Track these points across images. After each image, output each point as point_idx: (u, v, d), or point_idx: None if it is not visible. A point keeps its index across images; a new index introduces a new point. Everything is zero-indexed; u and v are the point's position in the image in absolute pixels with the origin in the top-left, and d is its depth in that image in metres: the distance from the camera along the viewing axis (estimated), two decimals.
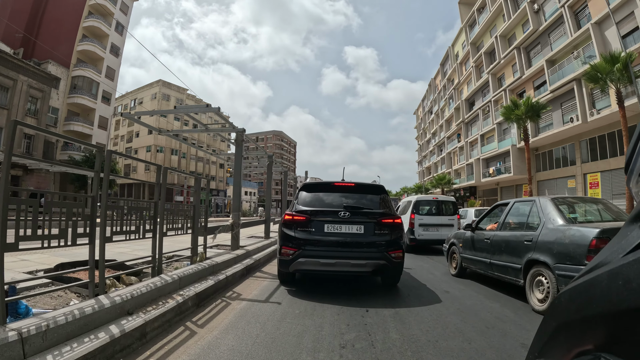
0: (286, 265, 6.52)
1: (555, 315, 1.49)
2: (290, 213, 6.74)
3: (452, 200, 14.49)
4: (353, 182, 7.32)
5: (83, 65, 43.24)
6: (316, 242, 6.35)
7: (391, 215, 6.74)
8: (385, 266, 6.32)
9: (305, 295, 6.44)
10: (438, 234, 13.34)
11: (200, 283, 6.26)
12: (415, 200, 13.94)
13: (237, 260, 8.53)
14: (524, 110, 24.79)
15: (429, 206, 14.12)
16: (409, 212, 13.64)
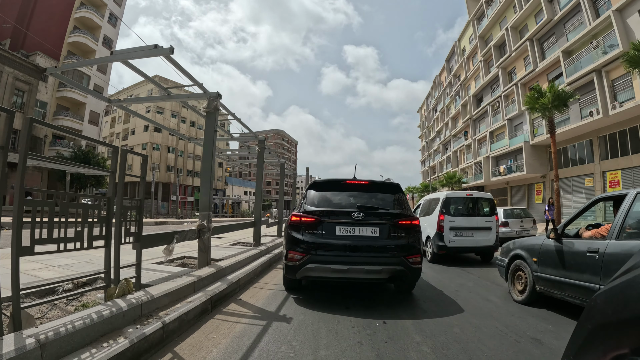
0: (293, 271, 5.95)
1: (591, 318, 1.47)
2: (297, 214, 6.17)
3: (489, 198, 11.77)
4: (366, 179, 6.76)
5: (73, 58, 41.29)
6: (327, 246, 5.81)
7: (409, 216, 6.20)
8: (402, 272, 5.81)
9: (315, 304, 5.90)
10: (473, 240, 10.92)
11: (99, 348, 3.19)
12: (444, 197, 11.35)
13: (197, 286, 5.62)
14: (550, 98, 22.38)
15: (462, 205, 11.66)
16: (436, 212, 11.31)
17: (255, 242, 10.55)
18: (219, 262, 7.15)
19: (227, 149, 13.93)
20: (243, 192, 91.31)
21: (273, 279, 7.75)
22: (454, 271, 9.48)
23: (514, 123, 40.38)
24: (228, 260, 7.57)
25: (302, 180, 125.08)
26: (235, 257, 8.00)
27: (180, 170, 68.16)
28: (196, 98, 6.53)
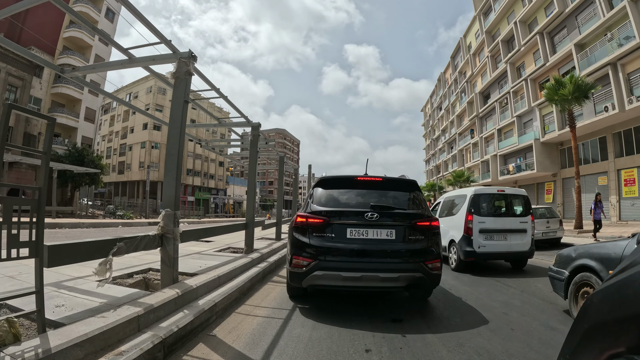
0: (298, 279, 5.45)
1: (587, 316, 1.49)
2: (303, 214, 5.65)
3: (523, 194, 10.16)
4: (380, 176, 6.30)
5: (69, 53, 40.50)
6: (336, 250, 5.31)
7: (427, 217, 5.71)
8: (421, 280, 5.32)
9: (322, 315, 5.33)
10: (506, 245, 9.34)
11: None
12: (472, 194, 9.72)
13: (145, 321, 3.78)
14: (571, 89, 21.04)
15: (493, 203, 10.13)
16: (462, 212, 9.75)
17: (247, 248, 8.93)
18: (190, 278, 5.60)
19: (225, 145, 12.47)
20: (244, 192, 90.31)
21: (265, 297, 6.23)
22: (487, 283, 8.03)
23: (523, 120, 39.32)
24: (205, 275, 5.91)
25: (305, 179, 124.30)
26: (216, 271, 6.34)
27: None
28: (164, 61, 5.13)
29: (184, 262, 6.86)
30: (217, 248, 9.68)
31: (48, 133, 3.01)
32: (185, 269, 6.12)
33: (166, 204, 4.87)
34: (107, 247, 3.90)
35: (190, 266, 6.55)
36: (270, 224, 13.35)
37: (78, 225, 20.28)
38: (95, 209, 43.39)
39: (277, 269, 8.76)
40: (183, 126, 4.80)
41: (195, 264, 6.94)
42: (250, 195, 9.40)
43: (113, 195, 65.29)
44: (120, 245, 4.01)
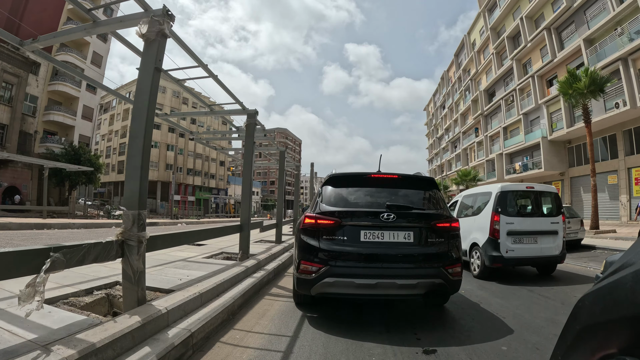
0: (307, 286, 5.01)
1: (579, 318, 1.50)
2: (312, 215, 5.23)
3: (553, 192, 9.08)
4: (396, 173, 5.73)
5: (67, 50, 39.85)
6: (349, 255, 4.89)
7: (447, 217, 5.33)
8: (441, 286, 4.95)
9: (332, 326, 4.89)
10: (536, 248, 8.29)
11: None
12: (499, 191, 8.65)
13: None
14: (587, 82, 20.18)
15: (522, 201, 9.13)
16: (487, 211, 8.69)
17: (242, 254, 7.72)
18: (164, 296, 4.37)
19: (219, 137, 11.47)
20: None
21: (261, 317, 5.13)
22: (520, 293, 7.00)
23: (530, 118, 38.60)
24: (184, 291, 4.68)
25: (307, 179, 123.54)
26: (200, 285, 5.15)
27: (180, 168, 66.30)
28: (134, 22, 4.15)
29: (161, 272, 6.00)
30: (207, 253, 8.60)
31: None
32: (160, 283, 5.13)
33: (128, 200, 3.80)
34: (35, 260, 2.74)
35: (168, 279, 5.55)
36: (270, 225, 12.27)
37: (68, 226, 19.38)
38: (95, 209, 42.65)
39: (276, 278, 7.82)
40: (152, 101, 3.86)
41: (176, 275, 5.90)
42: (245, 193, 8.20)
43: (113, 195, 64.71)
44: (57, 257, 2.80)
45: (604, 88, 20.76)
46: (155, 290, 4.72)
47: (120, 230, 3.57)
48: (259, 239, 12.35)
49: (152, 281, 5.02)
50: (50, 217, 26.08)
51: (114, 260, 3.54)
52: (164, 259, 7.25)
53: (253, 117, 7.92)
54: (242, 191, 8.14)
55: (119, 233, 3.56)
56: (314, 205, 5.44)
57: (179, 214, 51.61)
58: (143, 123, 3.75)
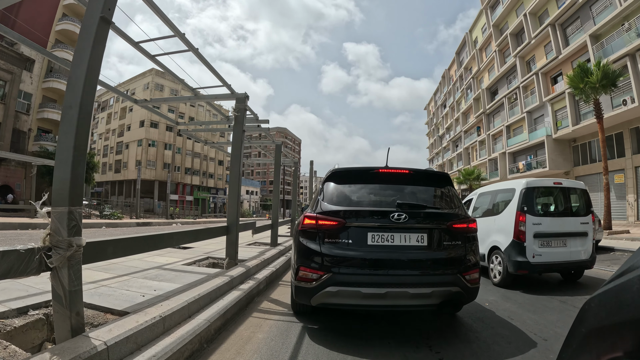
0: (306, 295, 4.40)
1: (585, 321, 1.48)
2: (312, 215, 4.61)
3: (582, 188, 8.06)
4: (407, 168, 5.18)
5: (62, 47, 38.96)
6: (355, 260, 4.30)
7: (464, 217, 4.74)
8: (458, 295, 4.38)
9: (337, 341, 4.23)
10: (565, 252, 7.34)
11: None
12: (524, 187, 7.66)
13: None
14: (600, 76, 19.41)
15: (549, 199, 8.19)
16: (510, 210, 7.71)
17: (229, 260, 6.71)
18: (115, 321, 3.33)
19: (205, 129, 10.39)
20: (245, 192, 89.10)
21: (245, 345, 4.05)
22: (551, 305, 6.05)
23: (533, 116, 37.91)
24: (141, 314, 3.59)
25: (306, 179, 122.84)
26: (166, 304, 4.04)
27: (178, 167, 65.64)
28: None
29: (125, 285, 4.92)
30: (190, 259, 7.51)
31: None
32: (117, 301, 4.06)
33: (56, 194, 2.82)
34: None
35: (129, 294, 4.42)
36: (265, 227, 11.16)
37: None
38: (92, 208, 41.92)
39: (269, 289, 6.78)
40: (95, 61, 3.02)
41: (141, 288, 4.78)
42: (233, 189, 6.98)
43: (110, 194, 64.13)
44: None
45: (616, 82, 20.01)
46: (106, 312, 3.75)
47: (46, 233, 2.67)
48: (253, 241, 11.41)
49: (108, 298, 4.17)
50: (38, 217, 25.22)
51: (36, 275, 2.62)
52: (136, 266, 6.36)
53: (243, 102, 6.94)
54: (229, 187, 7.09)
55: (44, 238, 2.64)
56: (315, 204, 4.88)
57: (176, 214, 50.89)
58: (80, 89, 2.89)
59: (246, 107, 6.80)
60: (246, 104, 6.88)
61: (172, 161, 64.34)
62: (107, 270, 5.78)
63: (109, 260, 3.96)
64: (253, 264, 7.22)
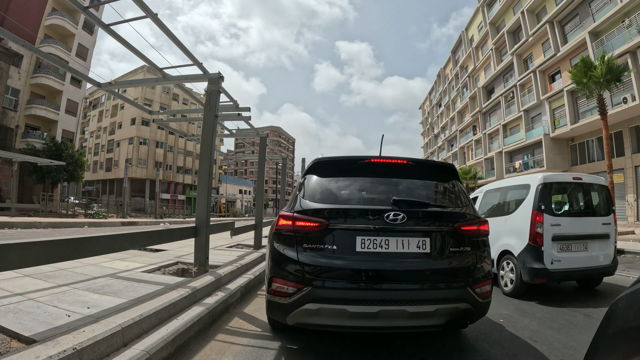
0: (281, 312, 3.61)
1: (612, 322, 1.46)
2: (288, 214, 3.76)
3: (603, 184, 7.16)
4: (404, 157, 4.23)
5: (51, 42, 38.11)
6: (340, 271, 3.50)
7: (474, 218, 3.90)
8: (468, 313, 3.59)
9: None
10: (587, 258, 6.45)
11: None
12: (541, 182, 6.69)
13: None
14: (604, 70, 18.74)
15: (570, 196, 7.28)
16: (525, 209, 6.75)
17: (199, 267, 5.81)
18: (9, 356, 2.49)
19: (180, 119, 9.43)
20: (238, 191, 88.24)
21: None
22: (575, 319, 5.19)
23: (530, 114, 37.49)
24: (50, 343, 2.74)
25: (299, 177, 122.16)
26: (95, 327, 3.11)
27: (170, 166, 64.76)
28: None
29: (57, 298, 4.00)
30: (156, 264, 6.50)
31: None
32: (30, 324, 3.11)
33: None
34: None
35: (53, 312, 3.50)
36: (247, 227, 9.85)
37: (33, 225, 17.61)
38: (81, 207, 41.07)
39: (243, 302, 5.71)
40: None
41: (74, 303, 3.83)
42: (202, 182, 5.98)
43: (101, 193, 63.16)
44: None
45: (621, 77, 19.35)
46: (14, 337, 2.85)
47: None
48: (235, 243, 10.40)
49: (24, 317, 3.28)
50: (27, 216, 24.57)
51: None
52: (87, 273, 5.39)
53: (216, 83, 6.05)
54: (199, 181, 6.05)
55: None
56: (293, 201, 4.05)
57: (166, 213, 50.05)
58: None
59: (220, 90, 5.85)
60: (220, 85, 5.94)
61: (163, 160, 63.41)
62: (49, 277, 4.89)
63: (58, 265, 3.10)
64: (227, 270, 6.23)
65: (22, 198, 35.57)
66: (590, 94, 20.35)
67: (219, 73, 5.82)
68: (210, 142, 5.76)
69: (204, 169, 5.96)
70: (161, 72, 5.93)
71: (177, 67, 5.93)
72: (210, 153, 5.74)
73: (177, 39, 4.97)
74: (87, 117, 72.14)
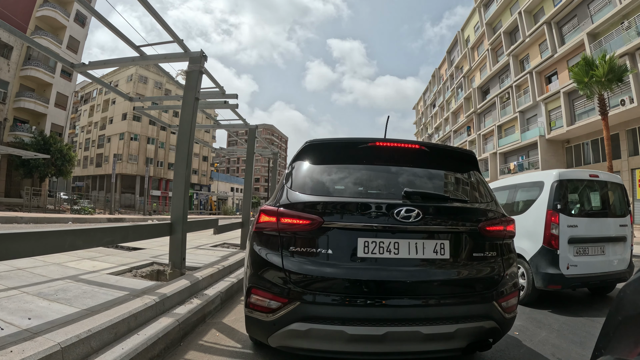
0: (261, 331, 2.97)
1: (621, 308, 1.46)
2: (271, 209, 3.04)
3: (620, 183, 6.64)
4: (415, 141, 3.47)
5: (41, 34, 37.28)
6: (337, 282, 2.79)
7: (500, 217, 3.25)
8: (493, 332, 2.97)
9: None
10: (604, 262, 5.96)
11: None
12: (556, 180, 6.11)
13: None
14: (606, 69, 18.36)
15: (585, 196, 6.62)
16: (538, 209, 6.15)
17: (173, 269, 5.19)
18: None
19: (163, 107, 8.86)
20: (230, 189, 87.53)
21: None
22: (597, 331, 4.10)
23: (526, 116, 37.44)
24: None
25: None
26: (24, 348, 2.40)
27: (161, 162, 63.97)
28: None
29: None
30: (128, 265, 5.75)
31: None
32: None
33: None
34: None
35: None
36: (233, 225, 9.32)
37: (15, 220, 16.97)
38: (71, 203, 40.39)
39: (224, 310, 5.04)
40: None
41: (15, 312, 3.22)
42: (179, 174, 5.36)
43: (91, 189, 62.32)
44: None
45: (622, 77, 19.03)
46: None
47: None
48: (221, 242, 9.62)
49: None
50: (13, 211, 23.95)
51: None
52: (46, 274, 4.69)
53: (197, 62, 5.39)
54: (175, 172, 5.42)
55: None
56: (280, 191, 3.30)
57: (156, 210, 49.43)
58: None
59: (202, 70, 5.22)
60: (202, 65, 5.33)
61: (154, 156, 62.62)
62: (1, 278, 4.26)
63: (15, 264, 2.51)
64: (207, 273, 5.51)
65: (10, 192, 34.95)
66: (591, 94, 20.01)
67: (202, 51, 5.17)
68: (189, 128, 5.10)
69: (181, 158, 5.30)
70: (138, 50, 5.29)
71: (155, 44, 5.31)
72: (189, 141, 5.05)
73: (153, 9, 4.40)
74: (78, 111, 71.23)
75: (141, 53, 5.33)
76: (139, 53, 5.34)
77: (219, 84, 6.68)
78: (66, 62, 6.10)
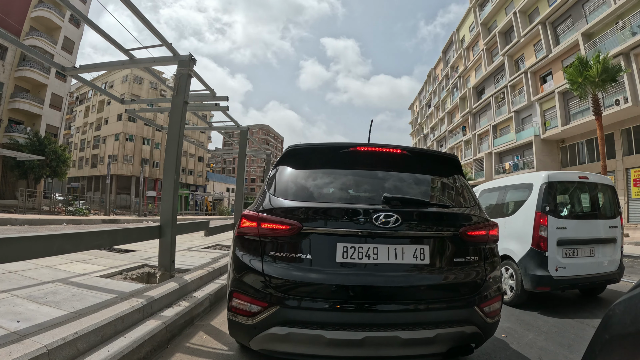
0: (243, 334, 3.00)
1: (609, 327, 1.44)
2: (252, 214, 3.09)
3: (610, 185, 6.69)
4: (397, 146, 3.48)
5: (36, 34, 37.35)
6: (316, 287, 2.83)
7: (483, 221, 3.27)
8: (474, 337, 2.99)
9: None
10: (594, 264, 5.98)
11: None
12: (545, 181, 6.15)
13: None
14: (600, 70, 18.46)
15: (574, 197, 6.76)
16: (527, 210, 6.21)
17: (163, 272, 5.18)
18: None
19: (153, 110, 8.89)
20: (225, 189, 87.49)
21: None
22: (587, 334, 4.66)
23: (521, 115, 37.55)
24: None
25: None
26: (11, 350, 2.46)
27: (157, 163, 63.82)
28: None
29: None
30: (118, 268, 5.69)
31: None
32: None
33: None
34: None
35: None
36: (226, 226, 9.25)
37: (9, 222, 16.92)
38: (66, 204, 40.36)
39: (213, 312, 5.04)
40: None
41: (4, 315, 3.27)
42: (168, 176, 5.32)
43: (86, 190, 62.17)
44: None
45: (616, 78, 19.15)
46: None
47: None
48: (213, 244, 9.37)
49: None
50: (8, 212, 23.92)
51: None
52: (37, 277, 4.72)
53: (186, 66, 5.38)
54: (164, 174, 5.40)
55: None
56: (261, 197, 3.34)
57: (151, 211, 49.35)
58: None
59: (191, 73, 5.23)
60: (191, 68, 5.36)
61: (150, 156, 62.53)
62: None
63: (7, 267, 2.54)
64: (196, 275, 5.51)
65: (5, 194, 34.92)
66: (584, 94, 20.11)
67: (190, 55, 5.19)
68: (178, 131, 5.14)
69: (170, 161, 5.32)
70: (127, 53, 5.31)
71: (144, 48, 5.31)
72: (178, 143, 5.10)
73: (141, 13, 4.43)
74: (74, 112, 71.10)
75: (131, 56, 5.36)
76: (128, 57, 5.36)
77: (209, 87, 6.69)
78: (57, 66, 6.13)
